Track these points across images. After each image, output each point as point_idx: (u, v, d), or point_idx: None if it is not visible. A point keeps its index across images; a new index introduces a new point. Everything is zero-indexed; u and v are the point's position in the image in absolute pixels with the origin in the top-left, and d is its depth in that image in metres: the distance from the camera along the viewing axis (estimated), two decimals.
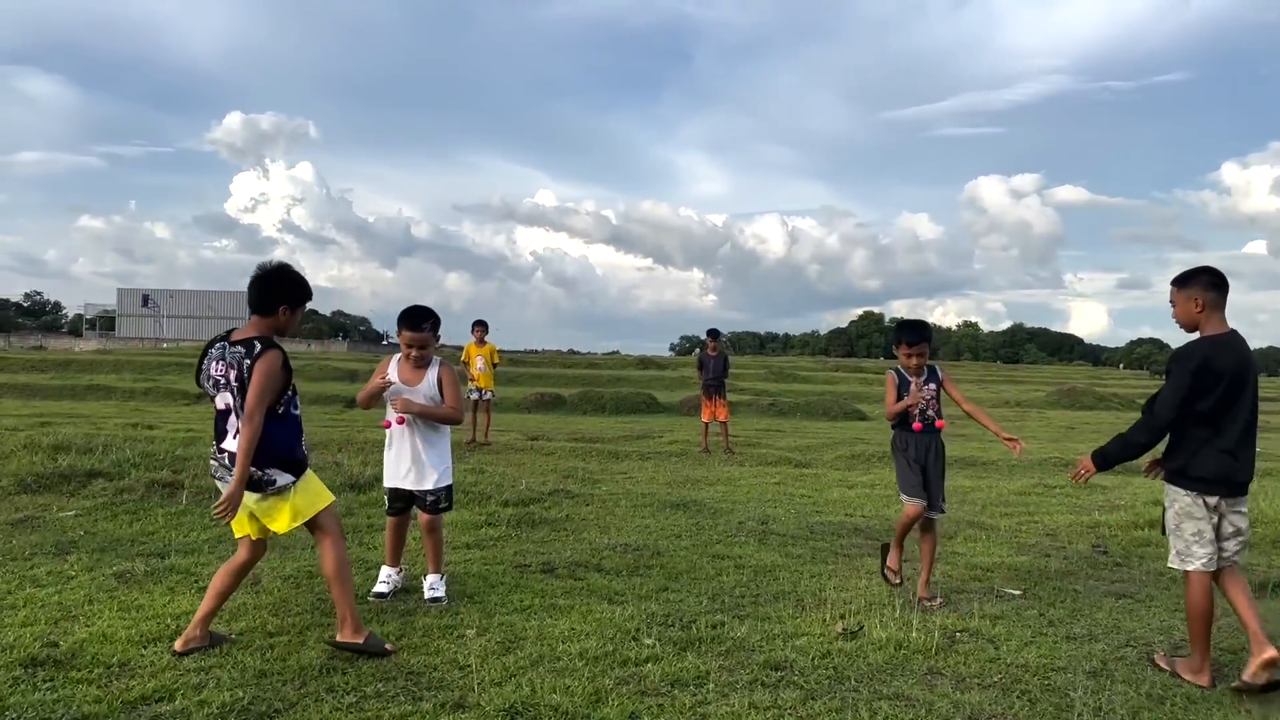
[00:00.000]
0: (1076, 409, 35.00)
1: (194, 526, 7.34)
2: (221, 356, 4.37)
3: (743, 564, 6.54)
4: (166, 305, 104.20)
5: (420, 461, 5.42)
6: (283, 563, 6.16)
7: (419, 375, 5.45)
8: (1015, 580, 6.41)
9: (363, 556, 6.41)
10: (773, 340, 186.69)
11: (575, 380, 34.06)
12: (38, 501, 8.20)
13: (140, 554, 6.38)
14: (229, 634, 4.64)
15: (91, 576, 5.70)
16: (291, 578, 5.77)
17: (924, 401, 5.74)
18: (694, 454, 14.04)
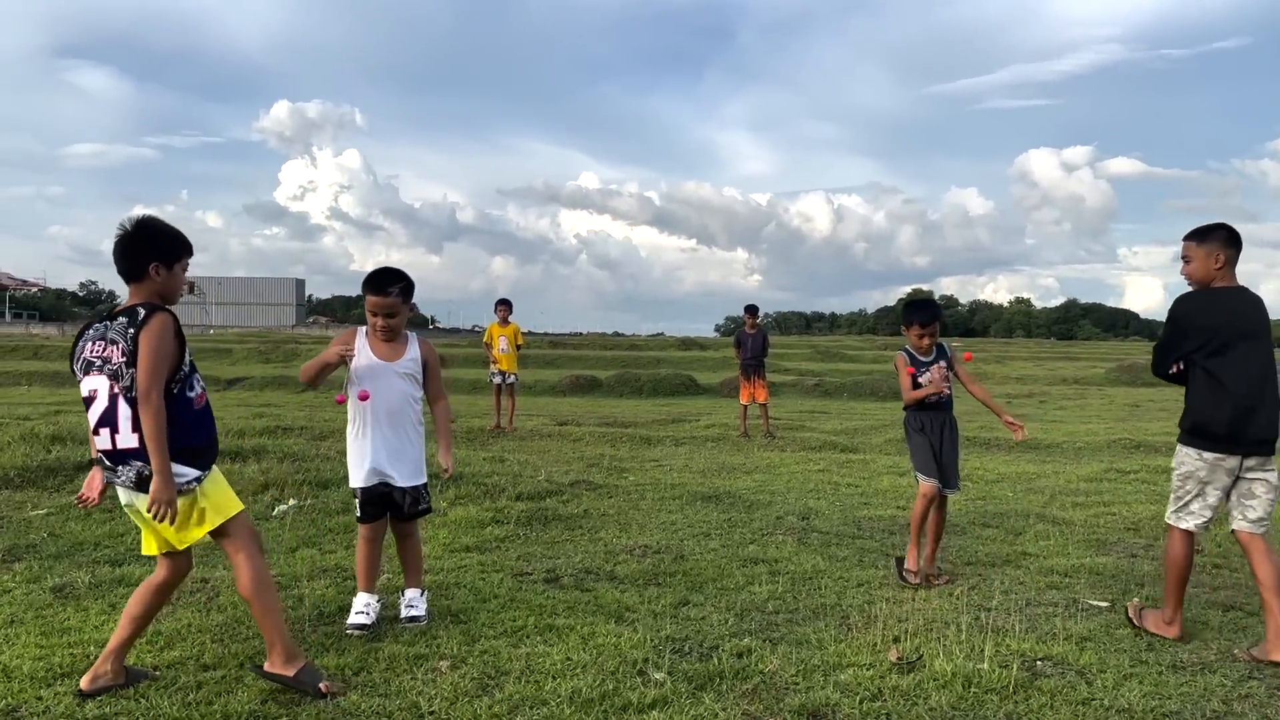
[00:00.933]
0: (1137, 386, 33.45)
1: None
2: (101, 335, 3.59)
3: (778, 570, 5.66)
4: (214, 292, 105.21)
5: (395, 452, 4.52)
6: None
7: (394, 351, 4.55)
8: (1099, 588, 5.47)
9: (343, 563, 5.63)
10: (819, 320, 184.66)
11: (614, 362, 33.25)
12: (15, 499, 7.55)
13: (96, 561, 5.66)
14: (152, 669, 3.86)
15: (28, 590, 4.98)
16: None
17: (938, 382, 5.68)
18: (732, 438, 13.15)
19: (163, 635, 4.25)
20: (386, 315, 4.47)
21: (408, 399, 4.56)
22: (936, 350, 5.74)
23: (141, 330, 3.49)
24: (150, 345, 3.47)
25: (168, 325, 3.54)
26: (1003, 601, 5.07)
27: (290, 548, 6.10)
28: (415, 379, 4.60)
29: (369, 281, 4.48)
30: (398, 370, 4.53)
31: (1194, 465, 4.51)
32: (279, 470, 8.35)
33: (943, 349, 5.78)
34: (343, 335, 4.57)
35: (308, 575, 5.34)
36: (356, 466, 4.55)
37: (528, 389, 23.54)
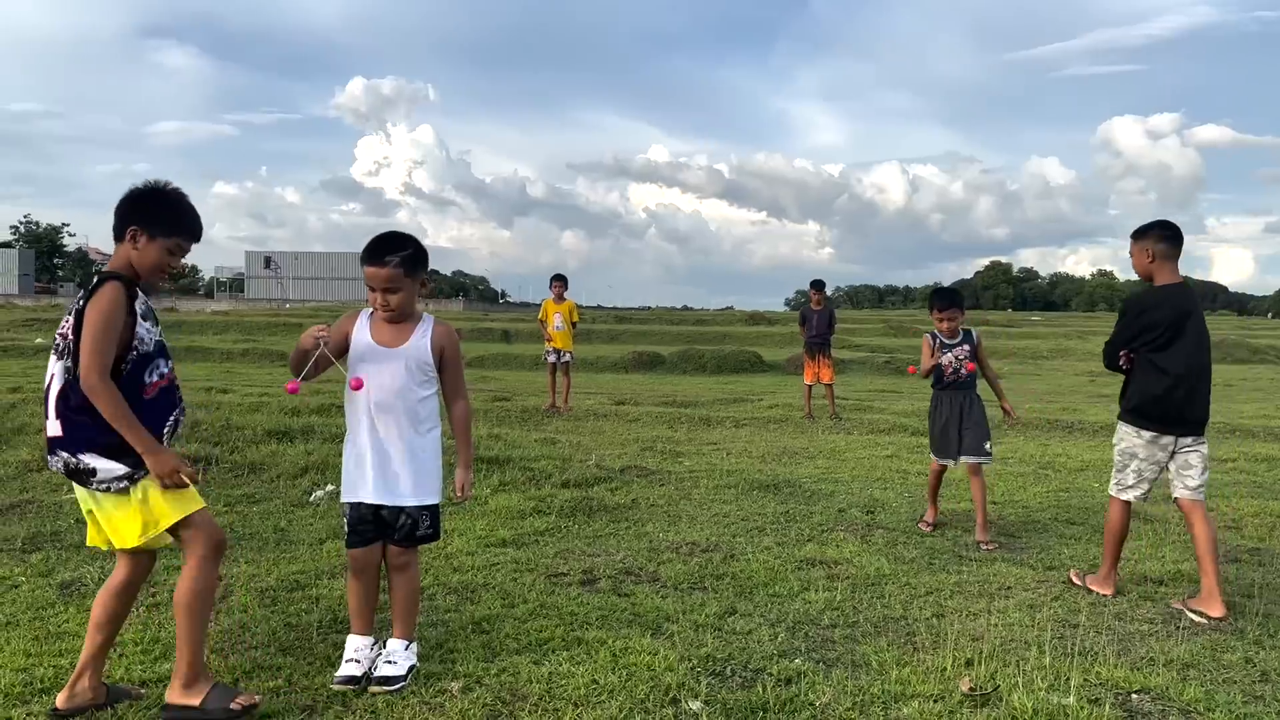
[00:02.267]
0: (1228, 363, 31.92)
1: None
2: None
3: (837, 574, 5.16)
4: (290, 267, 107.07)
5: (390, 461, 3.64)
6: (269, 567, 5.08)
7: (399, 335, 3.67)
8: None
9: None
10: (892, 293, 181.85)
11: (678, 338, 32.79)
12: (53, 481, 7.38)
13: (112, 555, 5.40)
14: (138, 685, 3.52)
15: (35, 586, 4.71)
16: (269, 591, 4.67)
17: (955, 364, 6.28)
18: (795, 420, 12.59)
19: (159, 643, 3.92)
20: (385, 290, 3.60)
21: (408, 395, 3.65)
22: (962, 335, 6.36)
23: (88, 303, 3.09)
24: (93, 319, 3.06)
25: (117, 297, 3.11)
26: (1090, 617, 4.52)
27: (318, 539, 5.79)
28: (423, 371, 3.68)
29: (366, 249, 3.63)
30: (397, 359, 3.64)
31: (1132, 442, 5.03)
32: (322, 452, 8.09)
33: (969, 335, 6.39)
34: (343, 318, 3.80)
35: (329, 572, 5.00)
36: (346, 478, 3.73)
37: (589, 365, 23.20)
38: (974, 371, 6.31)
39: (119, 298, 3.13)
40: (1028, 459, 9.78)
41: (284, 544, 5.69)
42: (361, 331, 3.70)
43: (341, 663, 3.63)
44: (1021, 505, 7.21)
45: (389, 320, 3.69)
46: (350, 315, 3.80)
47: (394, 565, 3.75)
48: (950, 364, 6.29)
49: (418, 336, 3.70)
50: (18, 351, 22.94)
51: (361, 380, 3.63)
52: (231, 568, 5.05)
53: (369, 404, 3.65)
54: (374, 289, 3.64)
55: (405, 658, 3.65)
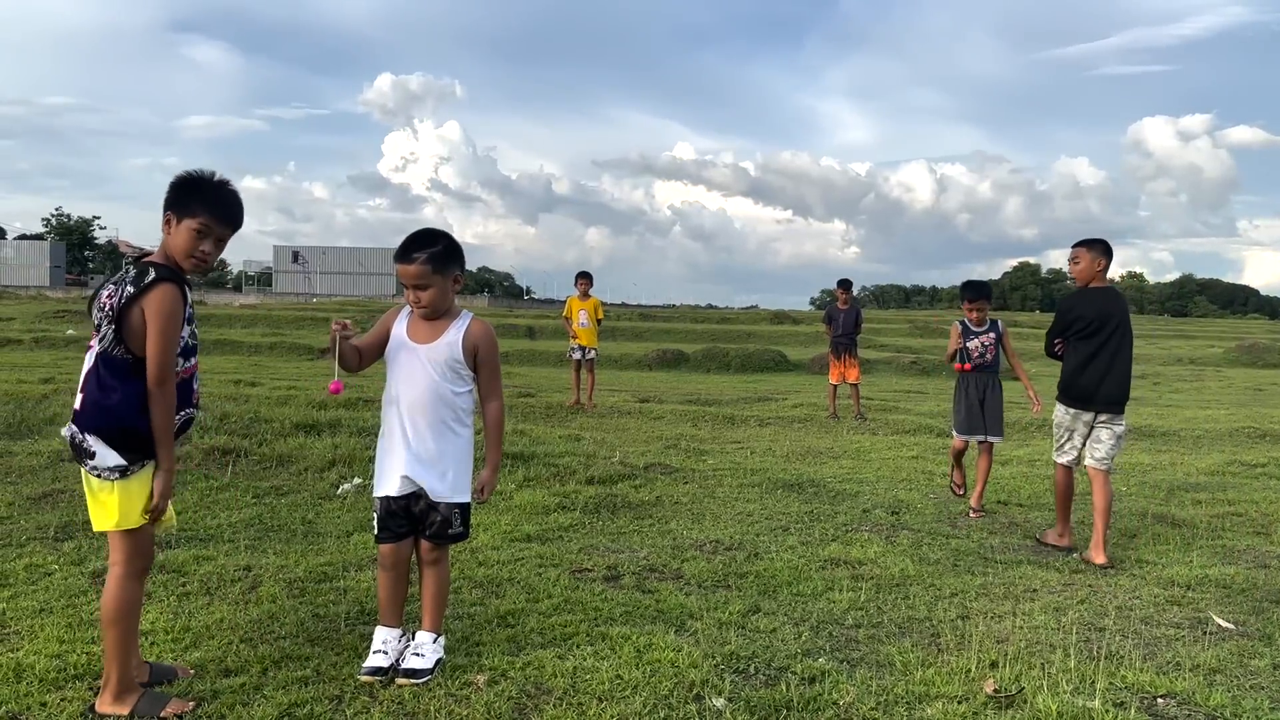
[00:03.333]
0: (1259, 367, 31.50)
1: (229, 505, 6.44)
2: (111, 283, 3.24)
3: (861, 574, 5.15)
4: (317, 262, 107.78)
5: (423, 458, 3.64)
6: (297, 559, 5.14)
7: (433, 332, 3.68)
8: (1227, 604, 4.83)
9: None
10: (919, 293, 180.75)
11: (703, 336, 32.76)
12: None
13: None
14: (185, 667, 3.61)
15: (68, 574, 4.79)
16: (298, 582, 4.72)
17: (981, 350, 6.95)
18: (820, 419, 12.56)
19: (190, 632, 3.98)
20: (415, 286, 3.63)
21: (441, 393, 3.65)
22: (989, 324, 7.01)
23: (145, 296, 3.12)
24: (160, 324, 3.11)
25: (177, 300, 3.16)
26: (1117, 620, 4.49)
27: (345, 531, 5.84)
28: (453, 369, 3.66)
29: (399, 247, 3.68)
30: (430, 356, 3.64)
31: (1062, 416, 6.03)
32: (349, 445, 8.15)
33: (995, 324, 7.03)
34: (386, 314, 3.86)
35: (356, 564, 5.05)
36: (378, 472, 3.73)
37: (613, 363, 23.24)
38: (996, 356, 6.97)
39: (179, 301, 3.18)
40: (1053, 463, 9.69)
41: (312, 536, 5.75)
42: (399, 327, 3.74)
43: (369, 654, 3.66)
44: (1048, 508, 7.16)
45: (424, 317, 3.71)
46: (394, 310, 3.84)
47: (426, 561, 3.78)
48: (976, 349, 6.96)
49: (451, 334, 3.69)
50: (49, 343, 23.26)
51: (340, 385, 3.71)
52: (260, 558, 5.11)
53: (402, 400, 3.66)
54: (406, 286, 3.68)
55: (433, 651, 3.68)
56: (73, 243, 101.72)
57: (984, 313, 7.00)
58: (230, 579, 4.75)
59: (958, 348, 7.00)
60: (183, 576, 4.78)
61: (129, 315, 3.12)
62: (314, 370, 20.64)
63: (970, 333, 6.99)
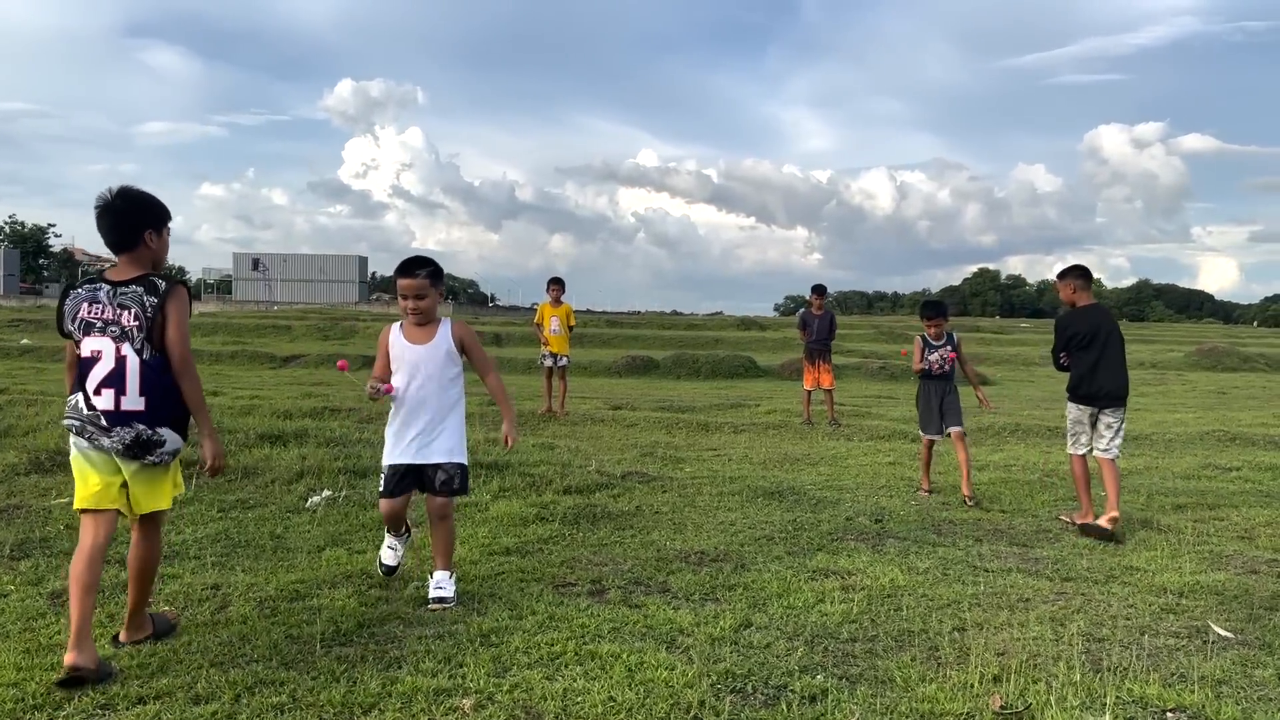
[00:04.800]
0: (1219, 370, 31.96)
1: (194, 520, 6.20)
2: (94, 298, 3.68)
3: (852, 584, 5.03)
4: (278, 269, 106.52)
5: (430, 433, 4.59)
6: (267, 576, 4.92)
7: (428, 334, 4.67)
8: (1223, 612, 4.75)
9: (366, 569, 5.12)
10: (881, 299, 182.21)
11: (671, 342, 32.64)
12: (42, 484, 7.19)
13: (107, 560, 5.23)
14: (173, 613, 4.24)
15: (23, 595, 4.55)
16: (269, 602, 4.52)
17: (940, 362, 7.90)
18: (794, 425, 12.48)
19: (156, 656, 3.77)
20: (416, 297, 4.60)
21: (444, 380, 4.64)
22: (947, 337, 7.97)
23: (169, 302, 3.66)
24: (179, 318, 3.68)
25: (187, 298, 3.77)
26: (1115, 630, 4.39)
27: (317, 546, 5.63)
28: (450, 359, 4.66)
29: (399, 267, 4.67)
30: (430, 354, 4.62)
31: (1077, 412, 6.96)
32: (317, 456, 7.93)
33: (951, 337, 7.99)
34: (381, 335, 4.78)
35: (330, 582, 4.84)
36: (389, 443, 4.65)
37: (582, 370, 23.06)
38: (953, 365, 7.96)
39: (189, 299, 3.80)
40: (1031, 466, 9.68)
41: (281, 551, 5.53)
42: (396, 337, 4.68)
43: (383, 549, 4.86)
44: (1031, 514, 7.10)
45: (418, 323, 4.65)
46: (385, 331, 4.74)
47: (436, 516, 4.64)
48: (936, 361, 7.92)
49: (441, 333, 4.68)
50: (3, 352, 22.68)
51: (394, 387, 4.62)
52: (228, 576, 4.89)
53: (410, 391, 4.59)
54: (406, 297, 4.62)
55: (450, 584, 4.58)
56: (27, 250, 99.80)
57: (941, 328, 7.95)
58: (198, 598, 4.54)
59: (924, 364, 7.94)
60: None
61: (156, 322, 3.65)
62: (277, 379, 20.27)
63: (931, 346, 7.94)
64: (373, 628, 4.19)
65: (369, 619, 4.27)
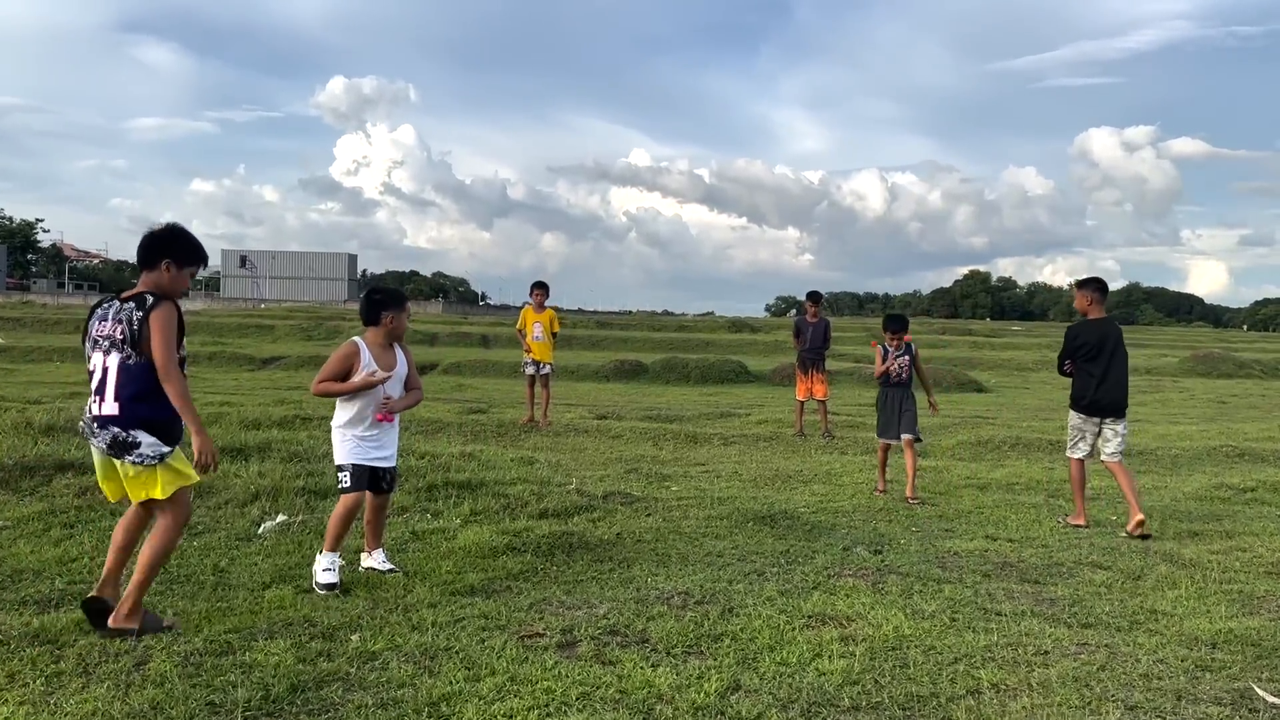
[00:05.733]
0: (1214, 377, 31.60)
1: None
2: (105, 315, 4.17)
3: (852, 634, 4.52)
4: (266, 266, 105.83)
5: (387, 442, 5.34)
6: (199, 622, 4.40)
7: (392, 359, 5.33)
8: (1262, 668, 4.26)
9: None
10: (872, 301, 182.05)
11: (661, 344, 32.15)
12: None
13: (25, 601, 4.72)
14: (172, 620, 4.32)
15: None
16: (194, 657, 3.99)
17: (899, 367, 8.50)
18: (786, 437, 11.99)
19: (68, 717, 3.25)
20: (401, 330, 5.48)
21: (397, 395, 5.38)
22: (905, 347, 8.58)
23: (150, 314, 4.05)
24: (161, 326, 4.04)
25: (173, 311, 4.12)
26: (1148, 694, 3.90)
27: (261, 583, 5.11)
28: (403, 379, 5.38)
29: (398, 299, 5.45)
30: (399, 374, 5.34)
31: (1079, 421, 7.39)
32: (277, 475, 7.40)
33: (909, 347, 8.63)
34: (344, 352, 5.22)
35: (267, 630, 4.32)
36: (350, 446, 5.17)
37: (569, 374, 22.56)
38: (911, 373, 8.57)
39: (175, 314, 4.13)
40: (1034, 485, 9.21)
41: (221, 589, 5.02)
42: (368, 360, 5.20)
43: (320, 571, 5.05)
44: (1040, 544, 6.61)
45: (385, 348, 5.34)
46: (351, 349, 5.22)
47: (380, 505, 5.44)
48: (895, 369, 8.53)
49: (401, 357, 5.39)
50: None
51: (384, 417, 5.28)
52: None
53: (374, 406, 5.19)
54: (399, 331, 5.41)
55: (386, 559, 5.44)
56: (15, 245, 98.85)
57: (902, 340, 8.61)
58: (114, 652, 4.01)
59: (885, 369, 8.56)
60: (58, 649, 4.03)
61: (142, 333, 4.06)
62: (254, 382, 19.71)
63: (892, 355, 8.58)
64: (307, 692, 3.67)
65: (305, 680, 3.75)
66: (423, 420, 12.03)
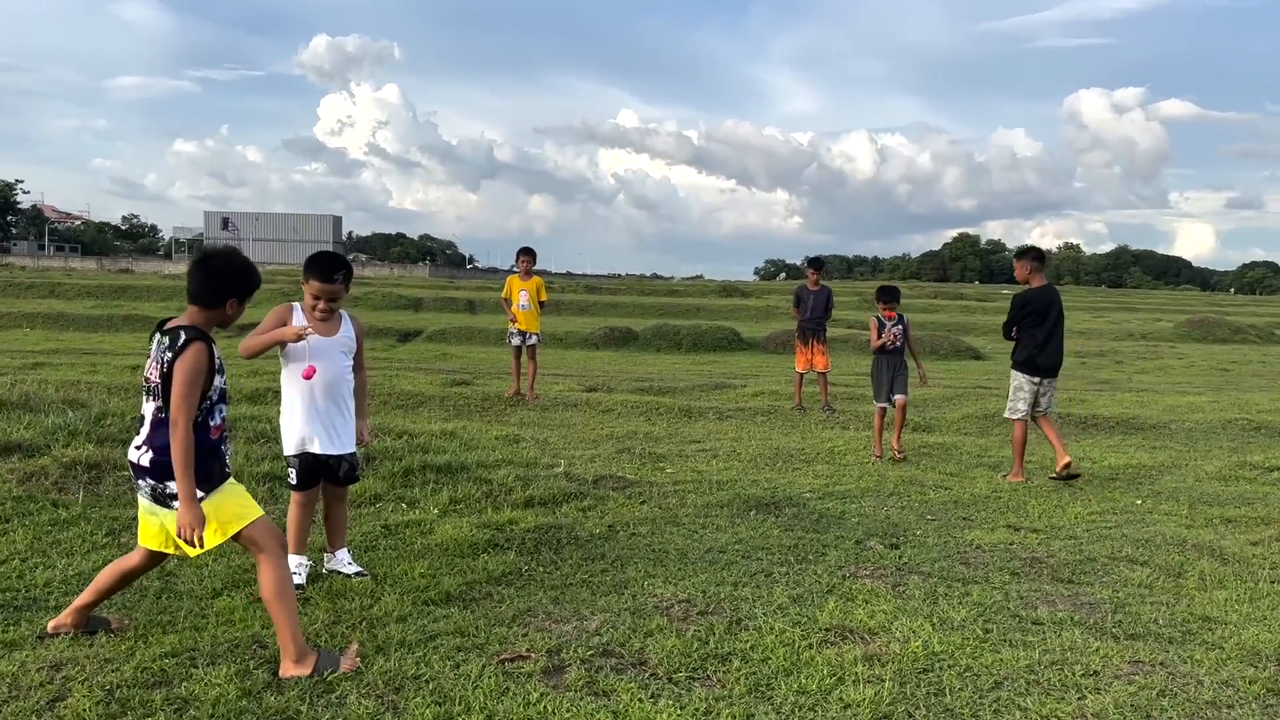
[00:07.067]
0: (1210, 342, 31.25)
1: (71, 548, 5.11)
2: (150, 350, 3.80)
3: (877, 653, 3.99)
4: (250, 228, 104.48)
5: (334, 423, 4.68)
6: (132, 645, 3.84)
7: (331, 328, 4.69)
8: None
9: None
10: (861, 264, 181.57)
11: (651, 310, 31.56)
12: None
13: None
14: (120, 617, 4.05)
15: None
16: (121, 689, 3.43)
17: (893, 338, 8.94)
18: (784, 411, 11.46)
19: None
20: (329, 299, 4.61)
21: (345, 372, 4.73)
22: (898, 318, 9.03)
23: (178, 358, 3.62)
24: (184, 375, 3.60)
25: (203, 357, 3.65)
26: None
27: (211, 590, 4.55)
28: (350, 353, 4.76)
29: (316, 268, 4.59)
30: (338, 346, 4.69)
31: (1022, 382, 7.96)
32: (239, 458, 6.86)
33: (901, 317, 9.07)
34: (278, 309, 4.64)
35: (209, 652, 3.77)
36: (294, 436, 4.66)
37: (558, 341, 21.97)
38: (903, 342, 9.00)
39: (205, 357, 3.66)
40: (1049, 464, 8.69)
41: (165, 598, 4.46)
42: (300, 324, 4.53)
43: None
44: (1068, 534, 6.10)
45: (322, 319, 4.62)
46: (284, 309, 4.62)
47: (338, 498, 4.87)
48: (888, 338, 8.96)
49: (345, 327, 4.75)
50: None
51: (315, 369, 4.55)
52: (78, 647, 3.80)
53: (314, 381, 4.57)
54: (319, 298, 4.58)
55: (352, 562, 4.88)
56: None
57: (895, 311, 9.07)
58: (29, 684, 3.46)
59: (881, 342, 8.97)
60: None
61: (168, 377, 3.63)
62: (227, 351, 19.06)
63: (884, 325, 9.02)
64: None
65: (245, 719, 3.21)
66: (403, 394, 11.46)
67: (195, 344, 3.64)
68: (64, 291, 31.19)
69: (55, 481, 6.40)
